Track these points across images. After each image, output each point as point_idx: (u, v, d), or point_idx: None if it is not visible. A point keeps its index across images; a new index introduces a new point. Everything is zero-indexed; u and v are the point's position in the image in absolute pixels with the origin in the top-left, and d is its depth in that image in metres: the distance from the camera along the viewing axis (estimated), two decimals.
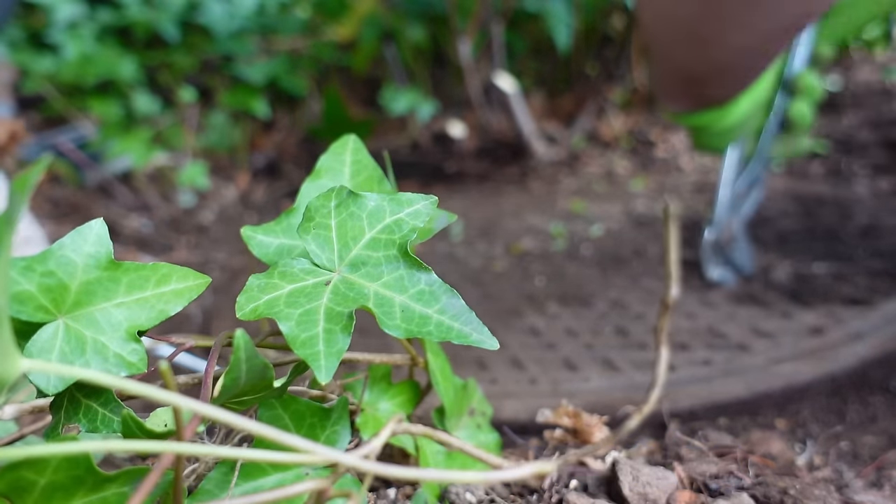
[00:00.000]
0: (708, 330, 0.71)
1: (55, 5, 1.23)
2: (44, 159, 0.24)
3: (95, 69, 1.21)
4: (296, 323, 0.31)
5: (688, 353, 0.67)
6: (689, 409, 0.59)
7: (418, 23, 1.27)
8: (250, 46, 1.35)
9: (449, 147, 1.32)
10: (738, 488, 0.45)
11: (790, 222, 0.95)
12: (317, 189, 0.39)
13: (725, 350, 0.66)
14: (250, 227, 0.38)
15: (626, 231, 0.98)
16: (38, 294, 0.31)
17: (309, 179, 0.40)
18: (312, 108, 1.45)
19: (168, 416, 0.33)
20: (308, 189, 0.40)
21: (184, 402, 0.23)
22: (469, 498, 0.42)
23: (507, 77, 1.13)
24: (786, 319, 0.71)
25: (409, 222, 0.34)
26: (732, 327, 0.70)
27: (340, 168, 0.40)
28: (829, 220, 0.95)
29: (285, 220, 0.39)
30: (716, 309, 0.75)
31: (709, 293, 0.78)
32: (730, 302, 0.76)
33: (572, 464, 0.46)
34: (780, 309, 0.73)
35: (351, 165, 0.40)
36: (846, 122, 1.32)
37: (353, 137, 0.41)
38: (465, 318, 0.32)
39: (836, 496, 0.44)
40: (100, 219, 0.33)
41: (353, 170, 0.40)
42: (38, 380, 0.30)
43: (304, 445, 0.25)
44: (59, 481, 0.26)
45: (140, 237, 1.15)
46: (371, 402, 0.43)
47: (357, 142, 0.41)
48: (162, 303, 0.32)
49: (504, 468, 0.27)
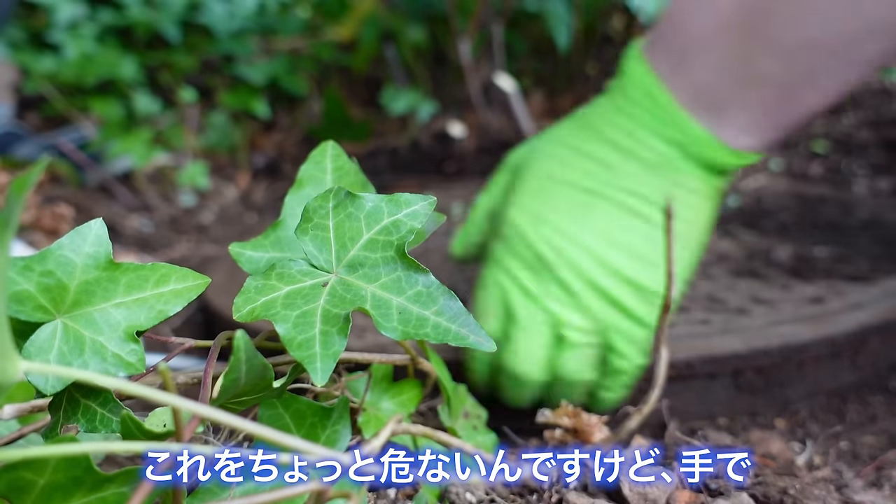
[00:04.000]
0: (707, 297, 0.70)
1: (56, 5, 1.23)
2: (43, 160, 0.24)
3: (96, 69, 1.21)
4: (292, 325, 0.31)
5: (687, 315, 0.66)
6: (685, 360, 0.58)
7: (418, 23, 1.27)
8: (251, 46, 1.35)
9: (449, 147, 1.32)
10: (738, 488, 0.45)
11: (790, 215, 0.95)
12: (300, 199, 0.39)
13: (724, 313, 0.66)
14: (238, 244, 0.38)
15: None
16: (36, 294, 0.31)
17: (292, 190, 0.40)
18: (312, 108, 1.45)
19: (167, 417, 0.33)
20: (291, 200, 0.39)
21: (182, 402, 0.23)
22: (469, 498, 0.42)
23: (507, 77, 1.13)
24: (786, 291, 0.71)
25: (408, 223, 0.34)
26: (732, 295, 0.70)
27: (322, 176, 0.40)
28: (829, 214, 0.95)
29: (272, 233, 0.39)
30: (715, 280, 0.74)
31: (709, 267, 0.78)
32: (730, 275, 0.76)
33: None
34: (780, 282, 0.73)
35: (332, 172, 0.40)
36: (846, 122, 1.32)
37: (332, 143, 0.41)
38: (462, 319, 0.32)
39: (836, 496, 0.44)
40: (99, 219, 0.33)
41: (334, 176, 0.40)
42: (36, 380, 0.30)
43: (302, 446, 0.25)
44: (58, 481, 0.26)
45: (140, 237, 1.15)
46: (373, 402, 0.43)
47: (336, 147, 0.41)
48: (161, 303, 0.33)
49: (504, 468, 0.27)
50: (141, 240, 1.14)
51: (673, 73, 0.51)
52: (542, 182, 0.54)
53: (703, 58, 0.50)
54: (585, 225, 0.51)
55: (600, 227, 0.51)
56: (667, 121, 0.51)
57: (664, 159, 0.51)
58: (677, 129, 0.50)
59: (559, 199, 0.53)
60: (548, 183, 0.54)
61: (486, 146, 1.26)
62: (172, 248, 1.11)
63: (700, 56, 0.50)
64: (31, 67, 1.23)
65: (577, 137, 0.55)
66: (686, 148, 0.51)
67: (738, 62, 0.50)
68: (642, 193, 0.51)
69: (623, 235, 0.51)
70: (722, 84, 0.50)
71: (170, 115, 1.32)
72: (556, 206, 0.53)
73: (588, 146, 0.53)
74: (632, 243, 0.51)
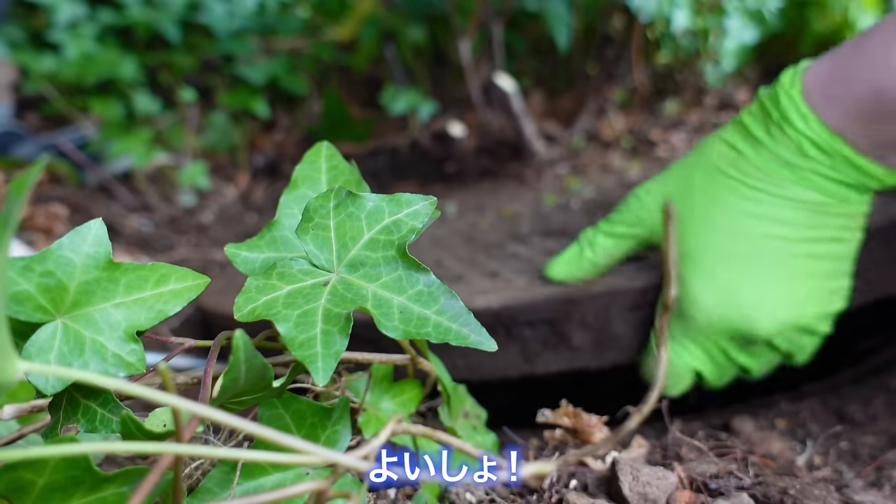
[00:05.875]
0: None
1: (56, 5, 1.23)
2: (42, 160, 0.24)
3: (96, 69, 1.21)
4: (294, 324, 0.31)
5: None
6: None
7: (418, 23, 1.27)
8: (250, 46, 1.35)
9: (449, 147, 1.32)
10: (738, 488, 0.45)
11: None
12: (295, 200, 0.39)
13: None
14: (233, 245, 0.38)
15: (616, 190, 0.98)
16: (36, 294, 0.31)
17: (287, 191, 0.40)
18: (312, 108, 1.45)
19: (167, 417, 0.33)
20: (287, 201, 0.39)
21: (182, 403, 0.23)
22: (469, 498, 0.42)
23: (507, 77, 1.13)
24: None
25: (408, 223, 0.34)
26: None
27: (317, 176, 0.40)
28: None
29: (268, 233, 0.39)
30: None
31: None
32: None
33: (572, 464, 0.46)
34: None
35: (327, 172, 0.40)
36: None
37: (326, 144, 0.41)
38: (463, 319, 0.32)
39: (836, 496, 0.44)
40: (99, 219, 0.33)
41: (329, 176, 0.40)
42: (36, 380, 0.30)
43: (302, 446, 0.25)
44: (58, 481, 0.26)
45: (140, 237, 1.15)
46: (373, 402, 0.43)
47: (330, 148, 0.41)
48: (161, 303, 0.33)
49: (504, 469, 0.27)
50: (141, 240, 1.14)
51: (862, 128, 0.52)
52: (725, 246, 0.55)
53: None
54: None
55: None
56: (844, 168, 0.53)
57: (835, 198, 0.54)
58: (858, 172, 0.53)
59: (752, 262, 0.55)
60: (734, 246, 0.55)
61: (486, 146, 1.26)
62: (174, 249, 1.11)
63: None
64: (30, 67, 1.23)
65: (745, 199, 0.55)
66: (865, 185, 0.53)
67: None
68: (819, 237, 0.54)
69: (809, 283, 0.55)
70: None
71: (170, 115, 1.32)
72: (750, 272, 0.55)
73: (762, 208, 0.55)
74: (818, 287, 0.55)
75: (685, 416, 0.64)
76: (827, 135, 0.52)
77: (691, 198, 0.57)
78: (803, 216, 0.54)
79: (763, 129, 0.54)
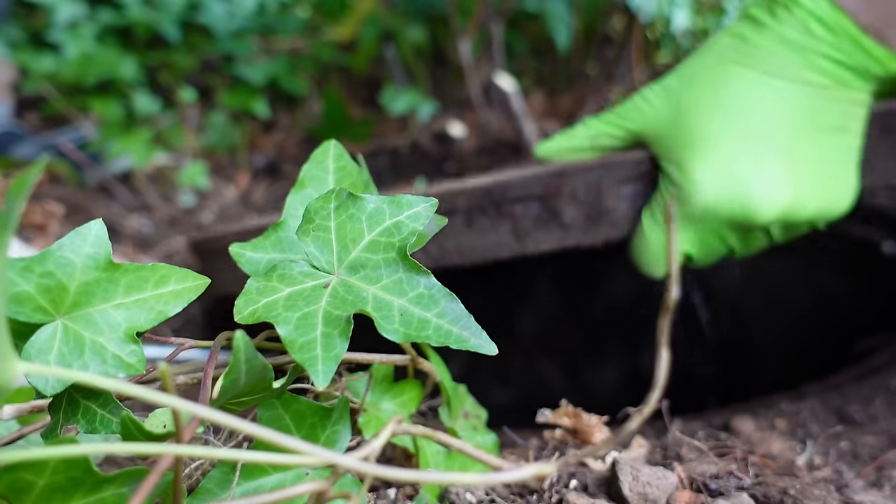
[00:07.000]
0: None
1: (56, 5, 1.23)
2: (41, 160, 0.24)
3: (96, 69, 1.21)
4: (294, 327, 0.31)
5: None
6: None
7: (418, 23, 1.27)
8: (250, 46, 1.35)
9: (449, 147, 1.32)
10: (738, 488, 0.45)
11: None
12: (302, 200, 0.39)
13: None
14: (238, 245, 0.38)
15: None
16: (36, 295, 0.31)
17: (293, 190, 0.39)
18: (312, 108, 1.45)
19: (167, 417, 0.33)
20: (293, 200, 0.39)
21: (182, 404, 0.23)
22: (469, 498, 0.42)
23: (507, 77, 1.13)
24: None
25: (409, 225, 0.34)
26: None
27: (324, 176, 0.40)
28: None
29: (273, 234, 0.38)
30: None
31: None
32: None
33: (572, 464, 0.46)
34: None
35: (334, 172, 0.40)
36: None
37: (334, 143, 0.40)
38: (463, 322, 0.32)
39: (836, 496, 0.44)
40: (99, 220, 0.33)
41: (336, 177, 0.40)
42: (36, 381, 0.30)
43: (302, 447, 0.25)
44: (58, 482, 0.26)
45: (140, 237, 1.14)
46: (373, 402, 0.43)
47: (338, 147, 0.40)
48: (161, 304, 0.32)
49: (504, 469, 0.27)
50: (140, 240, 1.14)
51: (868, 6, 0.53)
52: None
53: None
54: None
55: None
56: (848, 48, 0.53)
57: (838, 82, 0.54)
58: (862, 53, 0.53)
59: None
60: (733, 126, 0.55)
61: (486, 146, 1.26)
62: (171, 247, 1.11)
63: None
64: (30, 67, 1.23)
65: (751, 82, 0.56)
66: (868, 70, 0.54)
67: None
68: (823, 126, 0.55)
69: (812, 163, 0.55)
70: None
71: (170, 115, 1.32)
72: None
73: (757, 90, 0.55)
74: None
75: (685, 416, 0.64)
76: (833, 12, 0.53)
77: (697, 86, 0.57)
78: (807, 100, 0.54)
79: (769, 13, 0.55)
